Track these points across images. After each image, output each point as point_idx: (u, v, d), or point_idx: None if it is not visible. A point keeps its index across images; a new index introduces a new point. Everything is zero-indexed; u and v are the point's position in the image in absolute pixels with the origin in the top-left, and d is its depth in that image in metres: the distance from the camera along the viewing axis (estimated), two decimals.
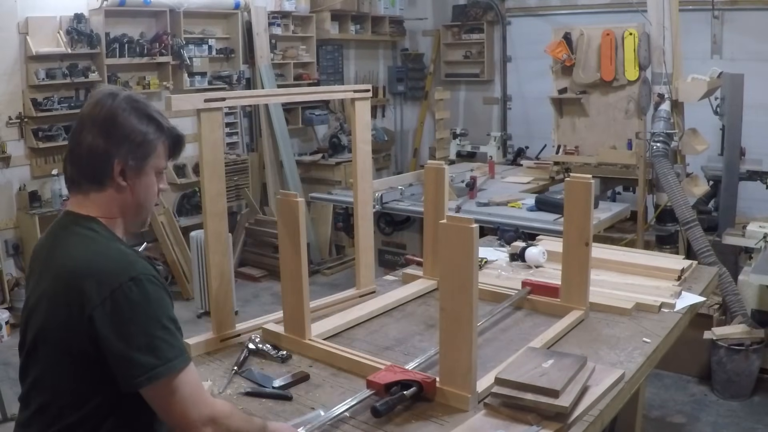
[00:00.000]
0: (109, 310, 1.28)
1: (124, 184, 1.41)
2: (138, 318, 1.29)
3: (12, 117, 4.95)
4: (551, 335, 2.13)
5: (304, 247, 2.03)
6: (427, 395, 1.76)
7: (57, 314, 1.33)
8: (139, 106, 1.42)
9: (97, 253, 1.35)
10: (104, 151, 1.38)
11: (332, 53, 7.35)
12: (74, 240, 1.38)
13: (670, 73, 4.44)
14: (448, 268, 1.71)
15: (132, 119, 1.40)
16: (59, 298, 1.33)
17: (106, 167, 1.39)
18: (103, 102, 1.40)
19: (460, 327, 1.70)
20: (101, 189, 1.41)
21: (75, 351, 1.32)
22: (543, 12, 7.36)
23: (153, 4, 5.52)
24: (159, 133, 1.44)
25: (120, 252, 1.38)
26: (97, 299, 1.28)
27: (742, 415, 3.66)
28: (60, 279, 1.34)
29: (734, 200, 4.59)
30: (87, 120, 1.40)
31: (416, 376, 1.78)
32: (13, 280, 5.09)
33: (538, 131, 6.72)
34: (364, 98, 2.49)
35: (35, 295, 1.41)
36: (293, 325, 2.11)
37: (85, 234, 1.38)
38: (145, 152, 1.42)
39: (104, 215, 1.42)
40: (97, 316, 1.28)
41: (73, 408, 1.33)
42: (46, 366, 1.36)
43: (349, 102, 2.68)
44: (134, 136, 1.40)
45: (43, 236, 1.50)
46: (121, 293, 1.29)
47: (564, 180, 2.36)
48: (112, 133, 1.38)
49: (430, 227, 2.59)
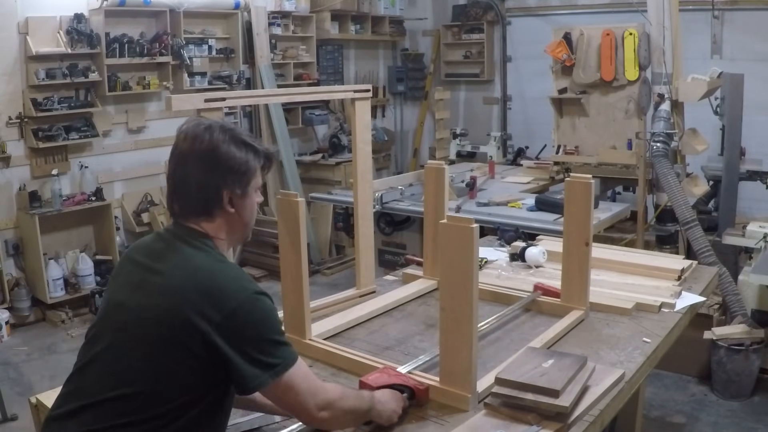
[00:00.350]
0: (232, 324, 1.37)
1: (233, 210, 1.50)
2: (259, 330, 1.40)
3: (12, 117, 4.95)
4: (551, 335, 2.13)
5: (304, 247, 2.02)
6: (420, 401, 1.75)
7: (172, 317, 1.37)
8: (235, 135, 1.50)
9: (220, 269, 1.43)
10: (212, 185, 1.47)
11: (332, 53, 7.34)
12: (193, 252, 1.45)
13: (670, 73, 4.44)
14: (449, 267, 1.71)
15: (233, 149, 1.47)
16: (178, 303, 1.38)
17: (216, 199, 1.48)
18: (202, 137, 1.46)
19: (460, 327, 1.71)
20: (210, 218, 1.50)
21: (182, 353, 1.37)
22: (543, 12, 7.36)
23: (153, 4, 5.52)
24: (256, 156, 1.53)
25: (238, 269, 1.50)
26: (219, 313, 1.36)
27: (742, 415, 3.66)
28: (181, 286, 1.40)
29: (734, 200, 4.59)
30: (189, 156, 1.47)
31: (409, 381, 1.77)
32: (13, 280, 5.09)
33: (538, 131, 6.72)
34: (364, 98, 2.49)
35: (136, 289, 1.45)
36: (293, 325, 2.11)
37: (204, 249, 1.46)
38: (249, 178, 1.52)
39: (214, 237, 1.51)
40: (218, 329, 1.36)
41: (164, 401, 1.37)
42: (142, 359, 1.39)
43: (349, 102, 2.68)
44: (238, 166, 1.48)
45: (151, 238, 1.57)
46: (244, 309, 1.38)
47: (564, 180, 2.36)
48: (217, 166, 1.46)
49: (430, 227, 2.59)
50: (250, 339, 1.38)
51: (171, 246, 1.48)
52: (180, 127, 1.51)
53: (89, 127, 5.31)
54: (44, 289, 5.02)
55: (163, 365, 1.38)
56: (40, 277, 5.02)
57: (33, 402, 1.80)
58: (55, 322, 5.11)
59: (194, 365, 1.38)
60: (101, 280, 5.34)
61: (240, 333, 1.37)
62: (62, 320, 5.11)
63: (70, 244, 5.37)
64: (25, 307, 5.09)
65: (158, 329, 1.38)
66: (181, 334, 1.36)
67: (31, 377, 4.31)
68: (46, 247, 5.07)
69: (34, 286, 5.11)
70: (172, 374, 1.38)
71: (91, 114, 5.34)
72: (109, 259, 5.44)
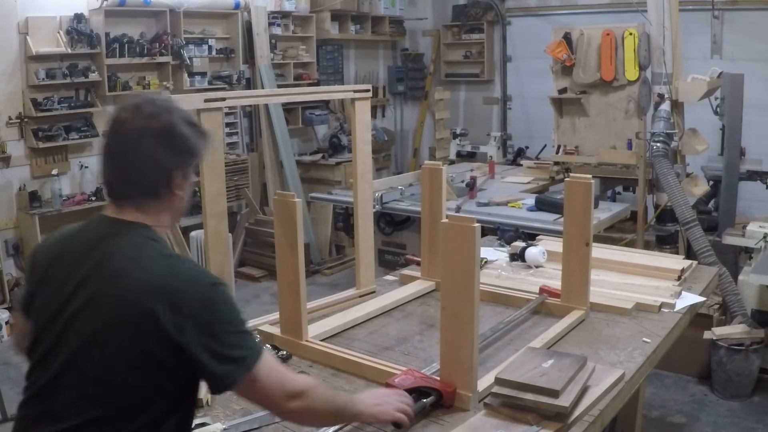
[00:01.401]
0: (194, 321, 1.29)
1: (181, 193, 1.43)
2: (222, 323, 1.33)
3: (12, 117, 4.95)
4: (551, 335, 2.13)
5: (301, 248, 2.01)
6: (447, 402, 1.73)
7: (125, 323, 1.29)
8: (187, 116, 1.44)
9: (171, 264, 1.35)
10: (166, 165, 1.38)
11: (332, 53, 7.34)
12: (136, 247, 1.36)
13: (670, 73, 4.44)
14: (450, 267, 1.70)
15: (186, 130, 1.40)
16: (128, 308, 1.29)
17: (166, 180, 1.39)
18: (159, 115, 1.38)
19: (462, 327, 1.70)
20: (157, 200, 1.40)
21: (145, 359, 1.29)
22: (543, 12, 7.36)
23: (153, 4, 5.52)
24: (204, 139, 1.46)
25: (190, 261, 1.42)
26: (179, 313, 1.28)
27: (742, 415, 3.66)
28: (130, 289, 1.31)
29: (734, 200, 4.59)
30: (144, 134, 1.36)
31: (436, 382, 1.74)
32: (13, 280, 5.09)
33: (538, 131, 6.72)
34: (364, 98, 2.49)
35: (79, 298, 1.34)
36: (290, 327, 2.10)
37: (147, 243, 1.37)
38: (196, 161, 1.47)
39: (155, 224, 1.41)
40: (180, 329, 1.28)
41: (138, 413, 1.31)
42: (104, 375, 1.30)
43: (349, 102, 2.68)
44: (190, 148, 1.42)
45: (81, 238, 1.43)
46: (207, 301, 1.32)
47: (564, 180, 2.36)
48: (173, 146, 1.38)
49: (427, 229, 2.59)
50: (215, 334, 1.30)
51: (111, 245, 1.36)
52: (125, 103, 1.41)
53: (89, 127, 5.31)
54: None
55: (135, 377, 1.30)
56: None
57: None
58: None
59: (162, 372, 1.31)
60: None
61: (203, 330, 1.29)
62: None
63: None
64: None
65: (117, 341, 1.29)
66: (142, 340, 1.28)
67: None
68: None
69: None
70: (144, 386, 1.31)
71: (91, 114, 5.34)
72: None
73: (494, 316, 2.33)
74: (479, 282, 1.69)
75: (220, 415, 1.73)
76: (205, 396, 1.77)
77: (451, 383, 1.74)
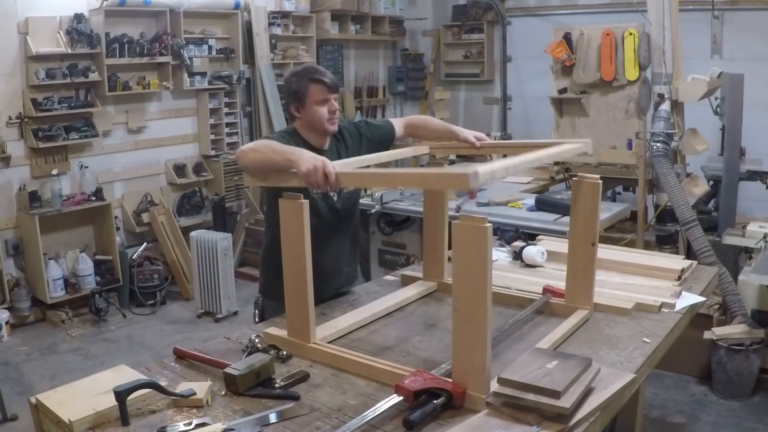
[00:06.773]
0: None
1: (299, 114, 2.46)
2: None
3: (12, 117, 4.95)
4: (558, 335, 2.12)
5: (308, 251, 2.00)
6: (455, 404, 1.72)
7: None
8: (297, 71, 2.49)
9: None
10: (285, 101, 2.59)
11: (332, 53, 7.35)
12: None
13: (670, 73, 4.44)
14: (461, 268, 1.69)
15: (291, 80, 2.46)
16: None
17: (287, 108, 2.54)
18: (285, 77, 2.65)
19: (475, 328, 1.68)
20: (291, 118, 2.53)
21: None
22: (543, 12, 7.37)
23: (153, 4, 5.52)
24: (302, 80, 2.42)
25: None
26: None
27: (742, 415, 3.66)
28: None
29: (734, 200, 4.59)
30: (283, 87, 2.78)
31: (446, 384, 1.73)
32: (13, 280, 5.09)
33: (538, 131, 6.72)
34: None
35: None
36: (297, 329, 2.09)
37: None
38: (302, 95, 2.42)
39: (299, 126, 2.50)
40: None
41: None
42: None
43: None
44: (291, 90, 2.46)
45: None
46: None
47: (564, 180, 2.36)
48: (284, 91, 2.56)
49: (430, 231, 2.59)
50: None
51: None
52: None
53: (89, 127, 5.31)
54: (44, 289, 5.02)
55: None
56: (40, 277, 5.02)
57: (33, 402, 1.79)
58: (55, 322, 5.11)
59: None
60: (101, 280, 5.35)
61: None
62: (62, 320, 5.11)
63: (70, 244, 5.37)
64: (25, 307, 5.09)
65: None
66: None
67: (31, 377, 4.31)
68: (46, 247, 5.07)
69: (34, 286, 5.11)
70: None
71: (91, 114, 5.34)
72: (109, 259, 5.44)
73: (497, 316, 2.32)
74: (491, 283, 1.67)
75: (220, 415, 1.73)
76: (205, 396, 1.77)
77: (461, 384, 1.73)
